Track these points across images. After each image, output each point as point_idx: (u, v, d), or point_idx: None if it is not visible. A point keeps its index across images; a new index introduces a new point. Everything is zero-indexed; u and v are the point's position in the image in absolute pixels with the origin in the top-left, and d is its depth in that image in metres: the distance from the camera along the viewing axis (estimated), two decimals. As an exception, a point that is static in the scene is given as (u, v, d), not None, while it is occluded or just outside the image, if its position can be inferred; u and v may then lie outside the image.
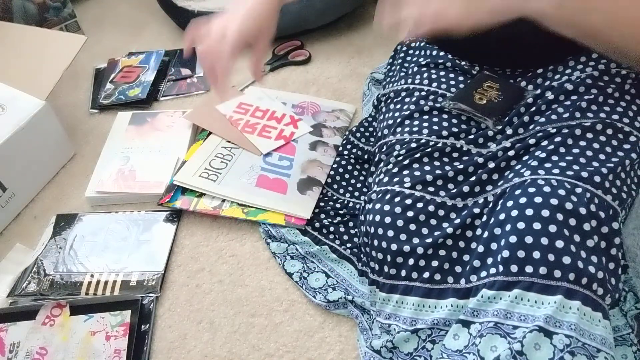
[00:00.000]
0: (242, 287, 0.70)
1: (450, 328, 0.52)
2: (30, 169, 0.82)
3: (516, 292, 0.48)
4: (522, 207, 0.51)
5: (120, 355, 0.62)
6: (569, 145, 0.56)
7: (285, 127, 0.89)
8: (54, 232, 0.77)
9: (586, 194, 0.51)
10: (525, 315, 0.48)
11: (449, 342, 0.51)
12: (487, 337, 0.48)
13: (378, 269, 0.60)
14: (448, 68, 0.72)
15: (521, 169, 0.56)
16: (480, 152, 0.62)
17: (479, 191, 0.59)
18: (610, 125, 0.57)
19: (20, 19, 1.09)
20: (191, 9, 1.10)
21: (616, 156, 0.55)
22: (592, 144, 0.56)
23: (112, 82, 1.04)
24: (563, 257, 0.48)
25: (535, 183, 0.52)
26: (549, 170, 0.53)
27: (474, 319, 0.51)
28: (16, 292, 0.70)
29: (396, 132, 0.68)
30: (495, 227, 0.53)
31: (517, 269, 0.49)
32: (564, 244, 0.48)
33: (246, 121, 0.90)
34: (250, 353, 0.63)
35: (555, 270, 0.48)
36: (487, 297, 0.50)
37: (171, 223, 0.78)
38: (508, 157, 0.59)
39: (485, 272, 0.52)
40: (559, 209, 0.50)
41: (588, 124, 0.57)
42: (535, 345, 0.46)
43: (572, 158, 0.55)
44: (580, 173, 0.52)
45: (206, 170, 0.81)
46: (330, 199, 0.78)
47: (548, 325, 0.46)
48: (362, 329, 0.63)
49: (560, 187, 0.51)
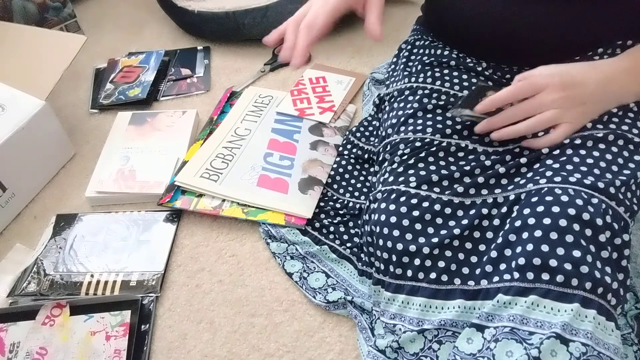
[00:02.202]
0: (242, 287, 0.70)
1: (463, 331, 0.52)
2: (30, 169, 0.82)
3: (532, 298, 0.48)
4: (539, 216, 0.51)
5: (120, 355, 0.62)
6: (583, 155, 0.56)
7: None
8: (54, 232, 0.77)
9: (602, 205, 0.51)
10: (541, 322, 0.48)
11: (462, 345, 0.51)
12: (503, 342, 0.48)
13: (384, 269, 0.60)
14: (452, 66, 0.72)
15: (534, 176, 0.56)
16: (487, 150, 0.62)
17: (487, 193, 0.58)
18: (621, 136, 0.57)
19: (20, 19, 1.09)
20: (191, 9, 1.10)
21: (628, 168, 0.55)
22: (605, 155, 0.56)
23: (112, 82, 1.04)
24: (581, 267, 0.48)
25: (552, 192, 0.52)
26: (566, 179, 0.53)
27: (488, 323, 0.50)
28: (16, 292, 0.70)
29: (400, 131, 0.68)
30: (510, 233, 0.53)
31: (533, 276, 0.49)
32: (581, 253, 0.48)
33: None
34: (250, 353, 0.63)
35: (573, 278, 0.48)
36: (503, 302, 0.50)
37: (171, 223, 0.78)
38: (519, 163, 0.59)
39: (498, 277, 0.52)
40: (576, 219, 0.50)
41: (600, 135, 0.57)
42: (552, 352, 0.46)
43: (587, 169, 0.54)
44: (597, 184, 0.52)
45: (207, 170, 0.81)
46: (330, 199, 0.78)
47: (565, 332, 0.46)
48: (362, 328, 0.63)
49: (578, 197, 0.51)
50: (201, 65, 1.09)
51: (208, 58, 1.11)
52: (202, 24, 1.12)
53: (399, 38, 0.90)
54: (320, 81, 1.00)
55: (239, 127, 0.90)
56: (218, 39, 1.15)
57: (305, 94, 0.97)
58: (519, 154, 0.60)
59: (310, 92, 0.98)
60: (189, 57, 1.11)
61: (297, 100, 0.95)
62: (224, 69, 1.08)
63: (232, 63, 1.09)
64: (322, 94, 0.97)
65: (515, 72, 0.70)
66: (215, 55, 1.12)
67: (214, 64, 1.10)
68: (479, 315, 0.51)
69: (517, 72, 0.69)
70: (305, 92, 0.98)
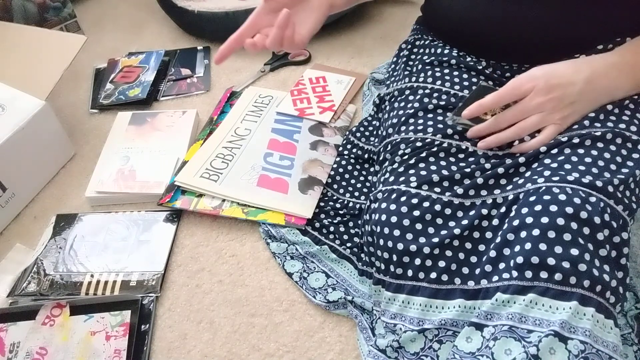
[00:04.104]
0: (242, 287, 0.70)
1: (462, 330, 0.52)
2: (30, 169, 0.82)
3: (531, 297, 0.48)
4: (537, 215, 0.51)
5: (120, 355, 0.62)
6: (581, 154, 0.56)
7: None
8: (54, 232, 0.77)
9: (600, 204, 0.51)
10: (540, 320, 0.48)
11: (462, 344, 0.51)
12: (502, 341, 0.48)
13: (384, 269, 0.60)
14: (452, 66, 0.72)
15: (532, 176, 0.56)
16: (486, 153, 0.62)
17: (487, 194, 0.58)
18: (619, 134, 0.57)
19: (20, 19, 1.09)
20: (191, 9, 1.10)
21: (626, 166, 0.55)
22: (604, 154, 0.56)
23: (112, 82, 1.04)
24: (579, 265, 0.48)
25: (550, 191, 0.52)
26: (564, 177, 0.53)
27: (487, 322, 0.51)
28: (16, 292, 0.70)
29: (401, 130, 0.68)
30: (508, 232, 0.53)
31: (531, 274, 0.49)
32: (579, 252, 0.48)
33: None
34: (250, 353, 0.63)
35: (571, 276, 0.48)
36: (502, 301, 0.50)
37: (171, 223, 0.78)
38: (517, 163, 0.59)
39: (497, 276, 0.52)
40: (574, 218, 0.50)
41: (598, 133, 0.57)
42: (550, 349, 0.46)
43: (585, 167, 0.54)
44: (595, 182, 0.52)
45: (207, 170, 0.81)
46: (330, 199, 0.78)
47: (563, 330, 0.46)
48: (362, 328, 0.63)
49: (575, 195, 0.51)
50: (201, 65, 1.09)
51: (208, 58, 1.11)
52: (202, 24, 1.12)
53: (399, 38, 0.90)
54: (320, 81, 1.00)
55: (239, 127, 0.90)
56: (218, 39, 1.15)
57: (305, 94, 0.97)
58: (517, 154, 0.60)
59: (310, 92, 0.98)
60: (189, 57, 1.11)
61: (297, 100, 0.95)
62: (224, 69, 1.08)
63: (232, 63, 1.09)
64: (322, 94, 0.97)
65: (515, 70, 0.70)
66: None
67: (214, 64, 1.10)
68: (478, 314, 0.51)
69: (517, 70, 0.70)
70: (305, 92, 0.98)
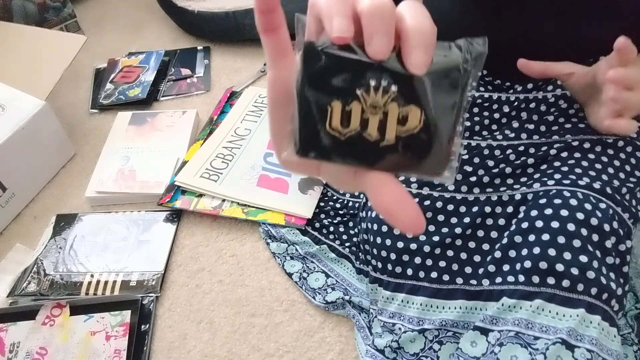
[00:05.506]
0: (242, 287, 0.70)
1: (467, 333, 0.52)
2: (30, 169, 0.82)
3: (537, 303, 0.48)
4: (547, 219, 0.50)
5: (120, 355, 0.62)
6: (592, 159, 0.56)
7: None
8: (54, 232, 0.77)
9: (609, 210, 0.51)
10: (546, 327, 0.47)
11: (466, 347, 0.51)
12: (508, 347, 0.48)
13: (381, 267, 0.59)
14: None
15: (542, 177, 0.56)
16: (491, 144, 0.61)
17: (492, 191, 0.58)
18: (630, 142, 0.57)
19: (20, 19, 1.09)
20: (191, 9, 1.10)
21: (634, 176, 0.55)
22: (614, 161, 0.56)
23: (112, 82, 1.04)
24: (587, 272, 0.48)
25: (561, 194, 0.52)
26: (575, 182, 0.53)
27: (492, 326, 0.50)
28: (16, 292, 0.69)
29: None
30: (516, 234, 0.52)
31: (538, 280, 0.49)
32: (588, 259, 0.48)
33: None
34: (250, 353, 0.63)
35: (578, 283, 0.47)
36: (508, 306, 0.50)
37: (171, 223, 0.78)
38: (526, 163, 0.58)
39: (501, 278, 0.52)
40: (584, 224, 0.49)
41: (610, 140, 0.57)
42: (558, 357, 0.45)
43: (596, 173, 0.54)
44: (605, 188, 0.52)
45: (207, 170, 0.81)
46: (330, 199, 0.78)
47: (571, 338, 0.46)
48: (359, 327, 0.63)
49: (586, 201, 0.51)
50: (201, 65, 1.09)
51: (208, 58, 1.11)
52: (202, 24, 1.12)
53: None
54: None
55: (239, 127, 0.90)
56: (218, 39, 1.15)
57: None
58: (524, 153, 0.60)
59: None
60: (189, 57, 1.11)
61: None
62: (224, 69, 1.08)
63: (232, 63, 1.09)
64: None
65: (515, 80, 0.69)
66: (215, 55, 1.12)
67: (214, 64, 1.10)
68: (483, 318, 0.51)
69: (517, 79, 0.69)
70: None
